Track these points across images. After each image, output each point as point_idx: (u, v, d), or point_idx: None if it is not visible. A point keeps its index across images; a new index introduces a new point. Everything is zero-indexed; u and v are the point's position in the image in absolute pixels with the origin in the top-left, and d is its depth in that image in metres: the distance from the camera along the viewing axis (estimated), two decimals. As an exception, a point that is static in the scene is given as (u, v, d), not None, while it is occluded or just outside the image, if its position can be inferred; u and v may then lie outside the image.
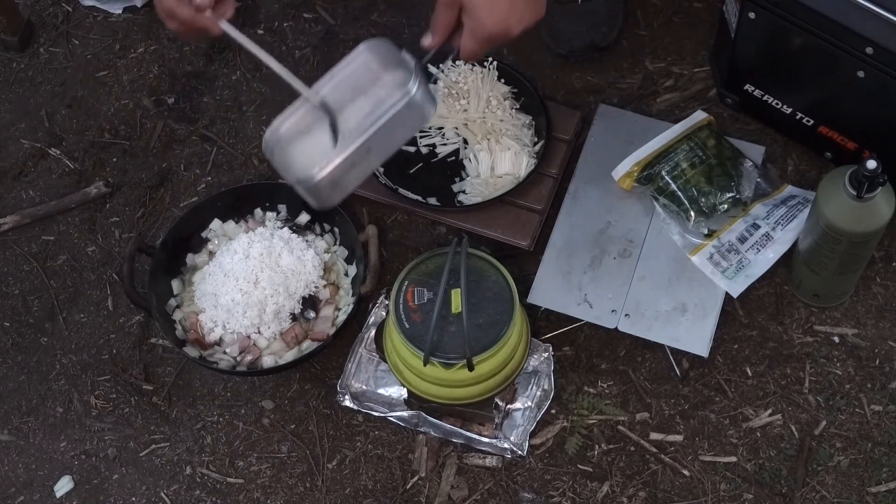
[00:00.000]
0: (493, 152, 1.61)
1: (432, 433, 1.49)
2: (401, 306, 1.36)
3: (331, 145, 1.24)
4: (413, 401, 1.48)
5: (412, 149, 1.54)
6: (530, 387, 1.50)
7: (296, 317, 1.54)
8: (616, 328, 1.51)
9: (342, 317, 1.53)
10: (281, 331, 1.53)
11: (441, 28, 1.30)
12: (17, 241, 1.72)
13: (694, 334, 1.49)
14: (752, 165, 1.58)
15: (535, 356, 1.50)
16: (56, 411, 1.58)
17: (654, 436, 1.48)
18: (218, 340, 1.54)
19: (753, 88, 1.60)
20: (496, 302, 1.36)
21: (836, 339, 1.52)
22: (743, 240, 1.53)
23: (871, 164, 1.28)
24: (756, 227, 1.54)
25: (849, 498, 1.42)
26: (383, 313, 1.55)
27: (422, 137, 1.63)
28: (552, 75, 1.74)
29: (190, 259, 1.60)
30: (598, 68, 1.74)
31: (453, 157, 1.65)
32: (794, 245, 1.52)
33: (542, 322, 1.55)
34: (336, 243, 1.61)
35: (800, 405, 1.48)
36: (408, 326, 1.35)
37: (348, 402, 1.51)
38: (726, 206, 1.55)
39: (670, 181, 1.55)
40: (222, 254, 1.56)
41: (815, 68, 1.47)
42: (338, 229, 1.61)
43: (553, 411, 1.50)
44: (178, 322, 1.55)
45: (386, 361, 1.43)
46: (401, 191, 1.60)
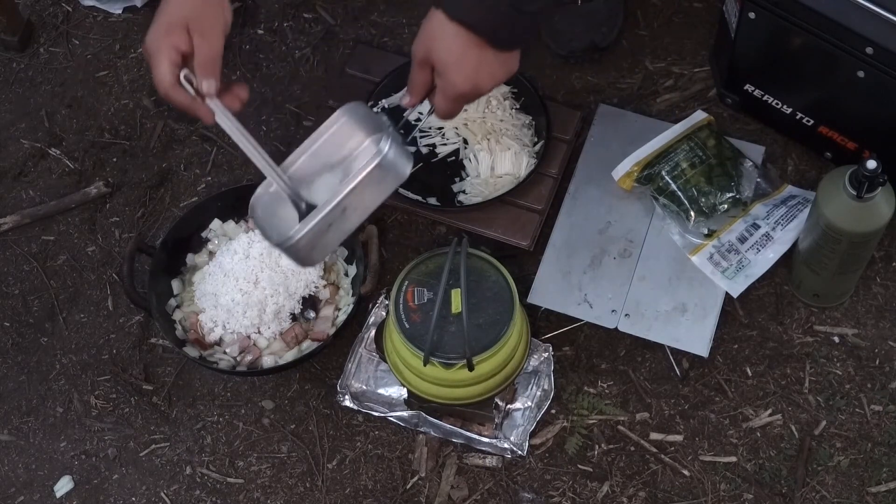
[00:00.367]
0: (493, 152, 1.61)
1: (432, 433, 1.49)
2: (401, 306, 1.36)
3: (346, 228, 1.30)
4: (413, 401, 1.48)
5: (412, 149, 1.54)
6: (530, 387, 1.50)
7: (296, 317, 1.54)
8: (616, 328, 1.51)
9: (342, 317, 1.53)
10: (281, 331, 1.53)
11: (417, 87, 1.33)
12: (17, 241, 1.72)
13: (694, 334, 1.49)
14: (752, 165, 1.58)
15: (535, 356, 1.50)
16: (56, 411, 1.58)
17: (654, 436, 1.48)
18: (218, 340, 1.54)
19: (753, 88, 1.60)
20: (496, 302, 1.36)
21: (836, 339, 1.52)
22: (743, 240, 1.54)
23: (871, 164, 1.28)
24: (756, 227, 1.54)
25: (849, 498, 1.42)
26: (383, 313, 1.55)
27: (422, 137, 1.63)
28: (552, 75, 1.74)
29: (190, 259, 1.60)
30: (598, 68, 1.74)
31: (453, 157, 1.65)
32: (794, 245, 1.52)
33: (542, 322, 1.55)
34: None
35: (800, 405, 1.48)
36: (408, 326, 1.35)
37: (348, 402, 1.51)
38: (726, 206, 1.55)
39: (670, 181, 1.55)
40: (222, 254, 1.56)
41: (815, 68, 1.47)
42: None
43: (553, 411, 1.50)
44: (178, 322, 1.55)
45: (386, 361, 1.43)
46: (401, 191, 1.60)
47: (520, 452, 1.47)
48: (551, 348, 1.51)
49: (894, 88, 1.39)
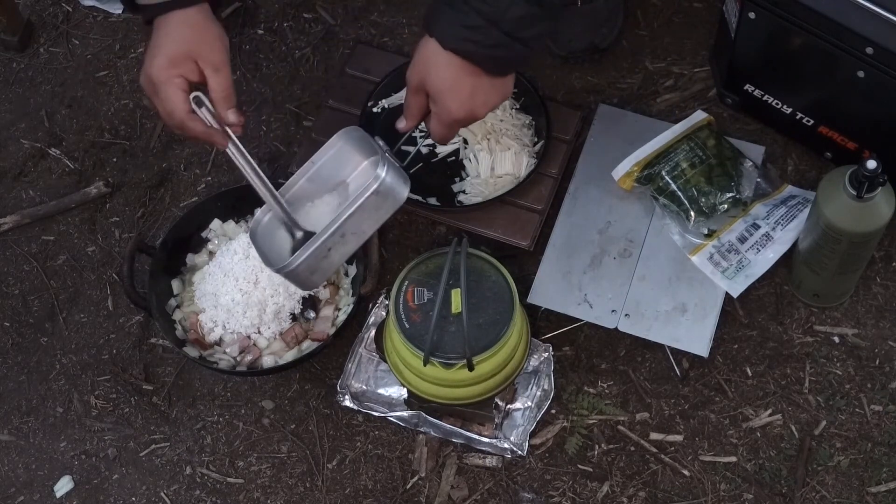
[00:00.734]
0: (493, 152, 1.61)
1: (432, 433, 1.49)
2: (401, 306, 1.36)
3: (343, 253, 1.35)
4: (413, 401, 1.48)
5: (412, 149, 1.54)
6: (530, 387, 1.50)
7: (296, 317, 1.54)
8: (616, 328, 1.51)
9: (342, 317, 1.53)
10: (281, 331, 1.53)
11: (413, 112, 1.36)
12: (17, 241, 1.72)
13: (694, 334, 1.49)
14: (752, 165, 1.58)
15: (535, 356, 1.50)
16: (56, 411, 1.58)
17: (654, 436, 1.48)
18: (218, 340, 1.54)
19: (753, 88, 1.60)
20: (496, 302, 1.36)
21: (836, 339, 1.52)
22: (743, 240, 1.54)
23: (871, 164, 1.28)
24: (756, 227, 1.54)
25: (849, 498, 1.42)
26: (383, 313, 1.55)
27: (422, 137, 1.63)
28: (552, 75, 1.74)
29: (190, 259, 1.60)
30: (598, 68, 1.74)
31: (453, 157, 1.65)
32: (794, 245, 1.52)
33: (542, 322, 1.55)
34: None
35: (800, 405, 1.48)
36: (408, 326, 1.35)
37: (348, 402, 1.51)
38: (726, 206, 1.55)
39: (670, 181, 1.55)
40: (222, 254, 1.56)
41: (815, 68, 1.47)
42: None
43: (553, 411, 1.50)
44: (178, 322, 1.55)
45: (386, 361, 1.43)
46: (401, 191, 1.60)
47: (520, 452, 1.47)
48: (551, 348, 1.51)
49: (894, 88, 1.39)
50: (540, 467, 1.47)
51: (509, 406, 1.49)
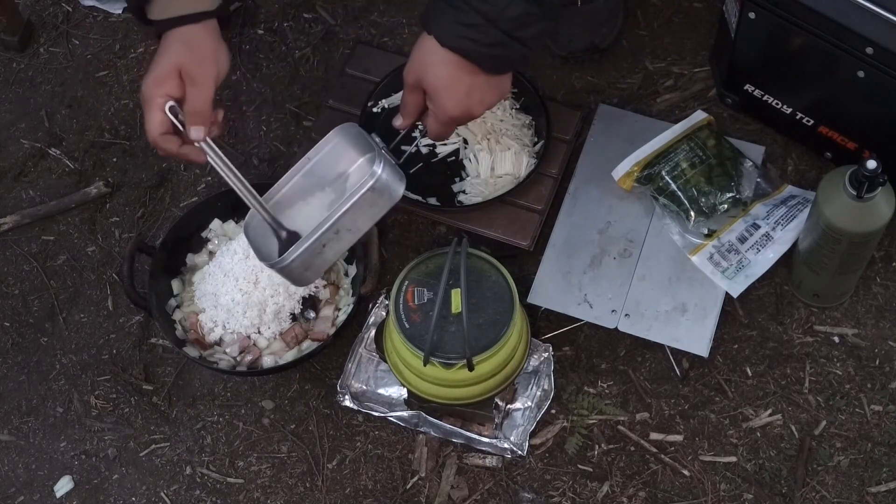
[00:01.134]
0: (493, 152, 1.61)
1: (432, 433, 1.49)
2: (401, 306, 1.36)
3: (337, 249, 1.35)
4: (413, 401, 1.48)
5: (412, 149, 1.54)
6: (530, 387, 1.50)
7: (296, 317, 1.54)
8: (616, 328, 1.51)
9: (342, 317, 1.53)
10: (281, 331, 1.53)
11: (410, 110, 1.36)
12: (17, 241, 1.72)
13: (694, 334, 1.50)
14: (752, 165, 1.58)
15: (535, 356, 1.50)
16: (56, 411, 1.58)
17: (654, 436, 1.48)
18: (218, 340, 1.54)
19: (753, 88, 1.60)
20: (496, 302, 1.36)
21: (836, 339, 1.52)
22: (743, 240, 1.54)
23: (871, 164, 1.28)
24: (756, 227, 1.54)
25: (849, 498, 1.42)
26: (383, 313, 1.55)
27: (422, 137, 1.63)
28: (552, 75, 1.74)
29: (190, 259, 1.60)
30: (598, 68, 1.74)
31: (453, 157, 1.65)
32: (794, 245, 1.52)
33: (542, 322, 1.55)
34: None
35: (800, 405, 1.48)
36: (408, 326, 1.35)
37: (348, 402, 1.51)
38: (726, 206, 1.55)
39: (670, 181, 1.55)
40: (222, 254, 1.56)
41: (815, 68, 1.47)
42: None
43: (553, 411, 1.50)
44: (178, 322, 1.55)
45: (386, 361, 1.43)
46: (401, 191, 1.60)
47: (520, 452, 1.47)
48: (551, 348, 1.51)
49: (894, 88, 1.39)
50: (540, 467, 1.47)
51: (509, 406, 1.49)
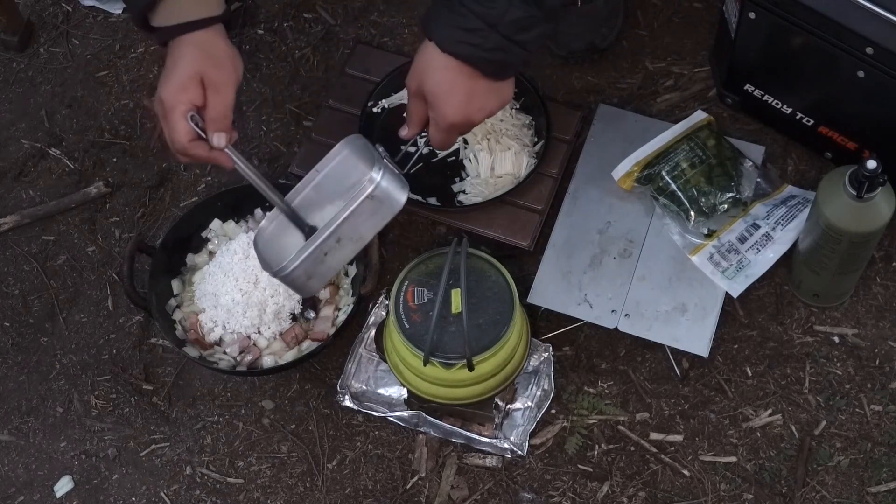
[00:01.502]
0: (493, 152, 1.61)
1: (432, 433, 1.49)
2: (401, 306, 1.36)
3: (303, 241, 1.34)
4: (413, 401, 1.48)
5: (412, 149, 1.54)
6: (530, 387, 1.50)
7: (296, 317, 1.54)
8: (616, 328, 1.51)
9: (342, 317, 1.53)
10: (281, 331, 1.53)
11: (415, 119, 1.36)
12: (17, 241, 1.72)
13: (694, 334, 1.50)
14: (752, 165, 1.58)
15: (535, 356, 1.50)
16: (56, 411, 1.58)
17: (654, 436, 1.48)
18: (218, 340, 1.54)
19: (753, 88, 1.60)
20: (496, 302, 1.36)
21: (836, 339, 1.52)
22: (743, 240, 1.54)
23: (871, 164, 1.28)
24: (756, 227, 1.54)
25: (849, 498, 1.42)
26: (383, 313, 1.55)
27: (422, 137, 1.63)
28: (552, 75, 1.74)
29: (190, 259, 1.60)
30: (598, 68, 1.74)
31: (453, 157, 1.65)
32: (794, 245, 1.52)
33: (542, 322, 1.55)
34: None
35: (800, 405, 1.48)
36: (408, 326, 1.35)
37: (348, 402, 1.51)
38: (726, 206, 1.55)
39: (670, 181, 1.55)
40: (222, 254, 1.56)
41: (815, 68, 1.47)
42: None
43: (553, 411, 1.50)
44: (178, 322, 1.55)
45: (386, 361, 1.43)
46: (401, 191, 1.60)
47: (520, 452, 1.47)
48: (551, 348, 1.51)
49: (894, 88, 1.39)
50: (540, 467, 1.47)
51: (509, 406, 1.49)
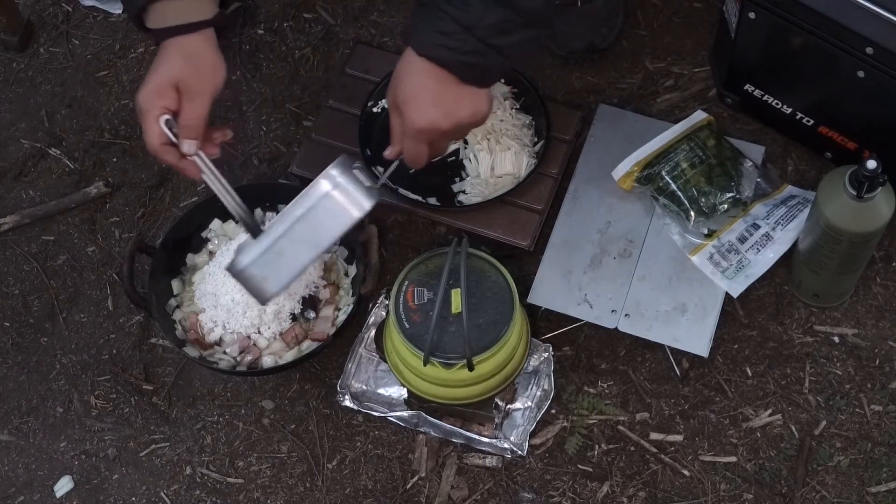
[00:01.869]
0: (493, 152, 1.61)
1: (432, 433, 1.49)
2: (401, 306, 1.36)
3: (289, 267, 1.29)
4: (413, 401, 1.48)
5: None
6: (530, 387, 1.50)
7: (296, 317, 1.54)
8: (616, 328, 1.51)
9: (342, 317, 1.53)
10: (281, 331, 1.53)
11: (396, 135, 1.31)
12: (17, 241, 1.72)
13: (694, 334, 1.49)
14: (752, 165, 1.58)
15: (535, 356, 1.50)
16: (56, 411, 1.58)
17: (654, 436, 1.48)
18: (218, 340, 1.54)
19: (753, 88, 1.60)
20: (496, 302, 1.36)
21: (836, 339, 1.52)
22: (743, 240, 1.54)
23: (871, 164, 1.28)
24: (756, 227, 1.54)
25: (849, 498, 1.42)
26: (383, 313, 1.55)
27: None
28: (552, 75, 1.74)
29: (190, 259, 1.60)
30: (598, 68, 1.74)
31: (453, 157, 1.64)
32: (794, 245, 1.52)
33: (542, 322, 1.55)
34: (336, 243, 1.61)
35: (800, 405, 1.48)
36: (408, 326, 1.35)
37: (348, 402, 1.51)
38: (726, 206, 1.55)
39: (670, 181, 1.55)
40: (222, 254, 1.56)
41: (815, 68, 1.47)
42: None
43: (553, 411, 1.50)
44: (178, 322, 1.55)
45: (386, 361, 1.43)
46: (401, 191, 1.60)
47: (520, 452, 1.47)
48: (551, 348, 1.51)
49: (894, 88, 1.39)
50: (540, 467, 1.47)
51: (509, 406, 1.49)
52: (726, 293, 1.52)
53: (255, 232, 1.31)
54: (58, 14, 1.92)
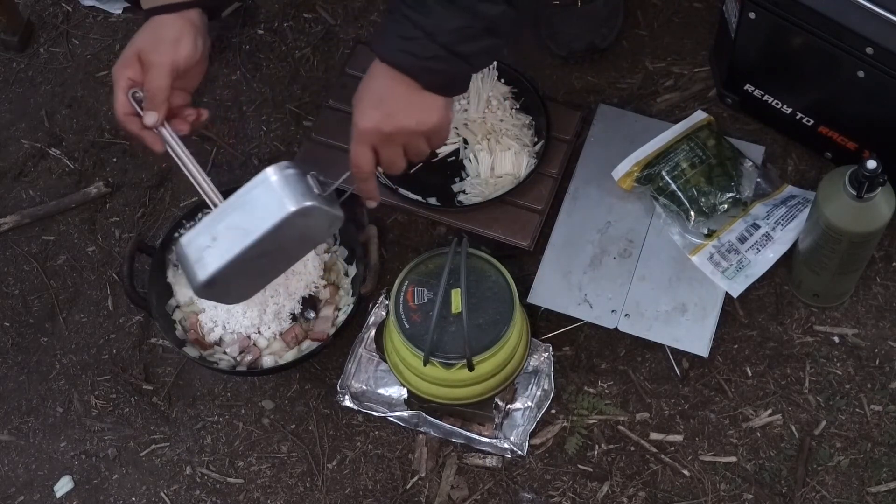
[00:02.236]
0: (493, 152, 1.61)
1: (432, 433, 1.49)
2: (401, 306, 1.36)
3: (221, 252, 1.26)
4: (413, 401, 1.48)
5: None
6: (530, 387, 1.50)
7: (296, 317, 1.54)
8: (616, 328, 1.51)
9: (342, 317, 1.53)
10: (281, 331, 1.53)
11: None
12: (17, 241, 1.72)
13: (694, 334, 1.50)
14: (752, 165, 1.58)
15: (535, 356, 1.50)
16: (56, 411, 1.58)
17: (654, 436, 1.48)
18: (218, 340, 1.54)
19: (753, 88, 1.60)
20: (496, 302, 1.36)
21: (836, 339, 1.52)
22: (743, 240, 1.54)
23: (871, 164, 1.28)
24: (756, 227, 1.54)
25: (849, 498, 1.42)
26: (383, 313, 1.55)
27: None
28: (552, 75, 1.74)
29: (190, 259, 1.60)
30: (598, 68, 1.74)
31: (453, 157, 1.65)
32: (794, 245, 1.52)
33: (542, 322, 1.55)
34: (336, 243, 1.61)
35: (800, 405, 1.48)
36: (408, 326, 1.35)
37: (348, 402, 1.51)
38: (726, 206, 1.55)
39: (670, 181, 1.55)
40: (222, 254, 1.56)
41: (815, 68, 1.47)
42: (338, 229, 1.60)
43: (553, 411, 1.50)
44: (178, 322, 1.55)
45: (386, 361, 1.43)
46: (401, 191, 1.60)
47: (520, 452, 1.47)
48: (551, 348, 1.51)
49: (894, 88, 1.39)
50: (540, 467, 1.47)
51: (509, 406, 1.49)
52: (726, 293, 1.52)
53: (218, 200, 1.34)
54: (58, 14, 1.92)
